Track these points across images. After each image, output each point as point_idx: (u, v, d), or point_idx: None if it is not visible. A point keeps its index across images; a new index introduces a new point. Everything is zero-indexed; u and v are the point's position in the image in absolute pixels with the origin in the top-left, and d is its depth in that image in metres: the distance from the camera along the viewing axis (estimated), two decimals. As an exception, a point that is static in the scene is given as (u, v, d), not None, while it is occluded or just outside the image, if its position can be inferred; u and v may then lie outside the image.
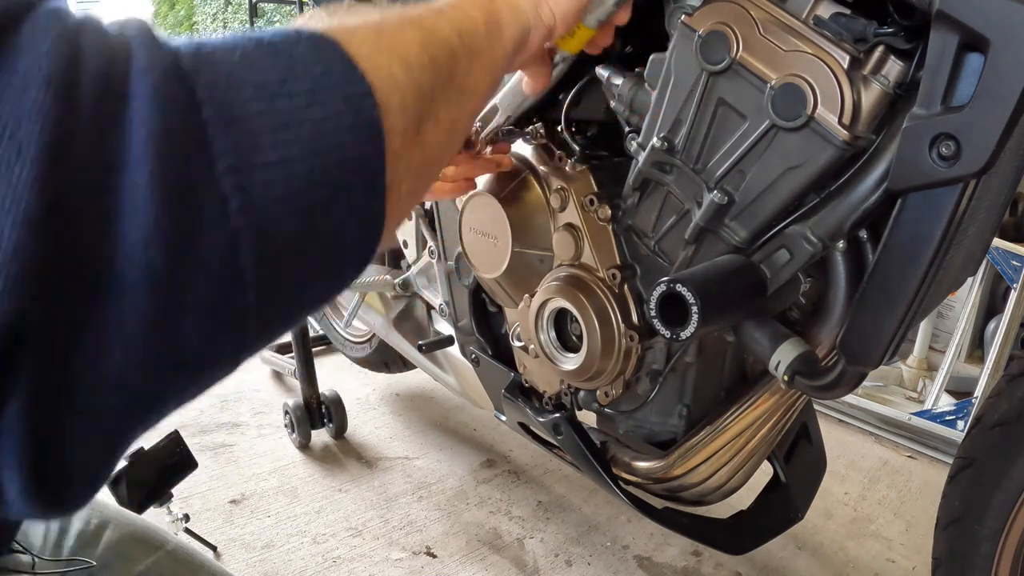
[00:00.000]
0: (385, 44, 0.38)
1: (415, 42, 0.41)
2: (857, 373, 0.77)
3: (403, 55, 0.39)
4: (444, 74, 0.43)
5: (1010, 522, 0.86)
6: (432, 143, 0.42)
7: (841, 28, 0.67)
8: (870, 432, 1.96)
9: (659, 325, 0.72)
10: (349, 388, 2.05)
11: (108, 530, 0.66)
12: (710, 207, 0.76)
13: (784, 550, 1.46)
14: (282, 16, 7.43)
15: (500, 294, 1.10)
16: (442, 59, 0.43)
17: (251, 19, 2.06)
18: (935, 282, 0.68)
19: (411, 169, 0.39)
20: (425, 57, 0.41)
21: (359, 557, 1.40)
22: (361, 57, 0.35)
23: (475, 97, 0.48)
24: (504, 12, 0.53)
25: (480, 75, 0.48)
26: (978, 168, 0.59)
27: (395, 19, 0.42)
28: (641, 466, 1.02)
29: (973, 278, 1.96)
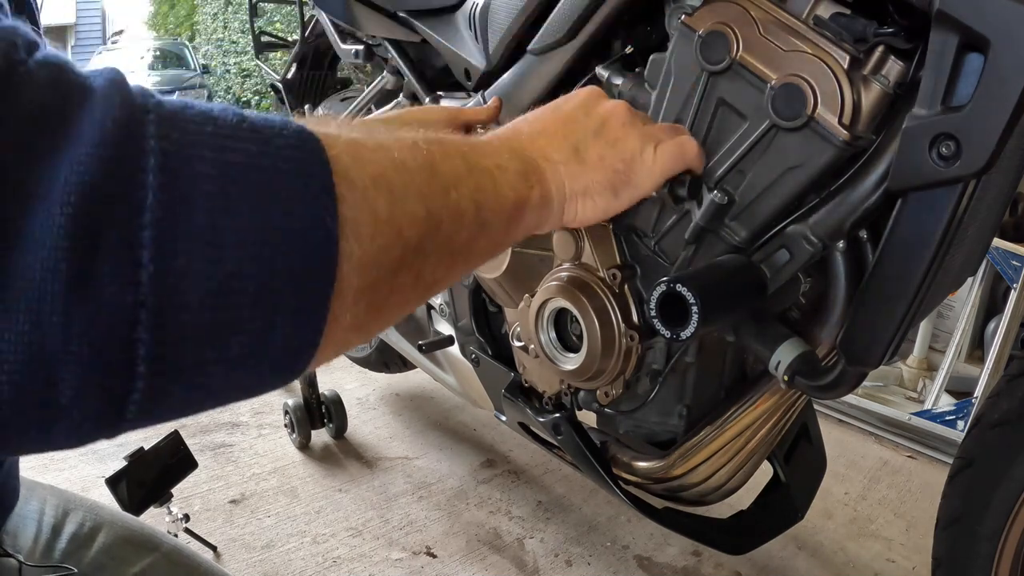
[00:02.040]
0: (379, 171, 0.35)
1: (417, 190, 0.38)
2: (857, 373, 0.77)
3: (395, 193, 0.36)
4: (440, 234, 0.39)
5: (1010, 522, 0.86)
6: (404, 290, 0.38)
7: (841, 28, 0.67)
8: (870, 432, 1.96)
9: (659, 325, 0.72)
10: (349, 388, 2.05)
11: (102, 533, 0.66)
12: (710, 207, 0.76)
13: (784, 550, 1.46)
14: (282, 16, 7.43)
15: (500, 294, 1.10)
16: (443, 219, 0.39)
17: (251, 19, 2.06)
18: (935, 282, 0.68)
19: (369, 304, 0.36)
20: (421, 210, 0.37)
21: (359, 557, 1.40)
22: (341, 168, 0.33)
23: (468, 265, 0.45)
24: (534, 200, 0.49)
25: (482, 248, 0.45)
26: (978, 168, 0.59)
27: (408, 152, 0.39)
28: (641, 466, 1.02)
29: (973, 278, 1.96)
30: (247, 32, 7.97)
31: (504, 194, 0.46)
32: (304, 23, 1.80)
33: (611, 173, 0.57)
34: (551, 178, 0.52)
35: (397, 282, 0.37)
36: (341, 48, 1.49)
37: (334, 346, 0.35)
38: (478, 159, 0.45)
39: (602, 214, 0.58)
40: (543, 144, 0.54)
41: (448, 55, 1.16)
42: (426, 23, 1.20)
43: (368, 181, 0.35)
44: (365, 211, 0.34)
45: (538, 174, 0.51)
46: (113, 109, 0.28)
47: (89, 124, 0.27)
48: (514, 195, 0.47)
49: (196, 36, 11.81)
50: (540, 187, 0.51)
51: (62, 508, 0.67)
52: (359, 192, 0.34)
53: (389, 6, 1.25)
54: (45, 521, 0.65)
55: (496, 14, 1.05)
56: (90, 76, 0.29)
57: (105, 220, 0.26)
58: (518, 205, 0.48)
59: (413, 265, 0.38)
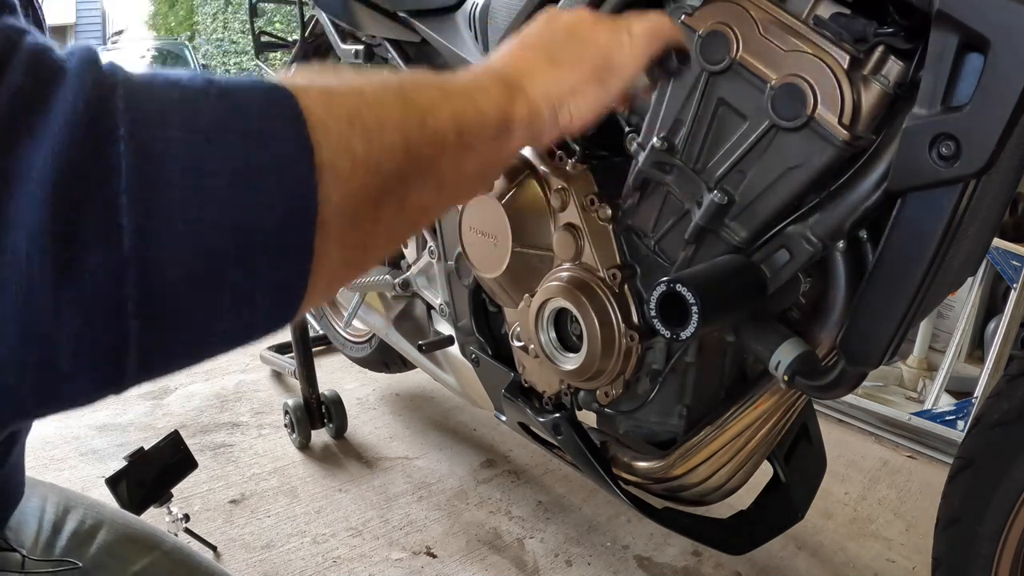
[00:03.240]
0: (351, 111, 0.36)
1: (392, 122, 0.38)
2: (857, 373, 0.77)
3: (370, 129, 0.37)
4: (423, 162, 0.40)
5: (1010, 522, 0.86)
6: (391, 222, 0.39)
7: (841, 28, 0.67)
8: (870, 432, 1.96)
9: (659, 325, 0.72)
10: (349, 388, 2.05)
11: (103, 530, 0.66)
12: (710, 207, 0.76)
13: (784, 550, 1.46)
14: (282, 16, 7.43)
15: (500, 294, 1.10)
16: (424, 147, 0.40)
17: (251, 19, 2.06)
18: (935, 282, 0.68)
19: (355, 242, 0.37)
20: (399, 140, 0.38)
21: (359, 557, 1.40)
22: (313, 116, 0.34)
23: (458, 188, 0.46)
24: (520, 113, 0.50)
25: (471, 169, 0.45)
26: (978, 168, 0.59)
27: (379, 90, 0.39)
28: (641, 466, 1.02)
29: (973, 278, 1.96)
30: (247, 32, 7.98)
31: (486, 112, 0.46)
32: (304, 23, 1.80)
33: (591, 67, 0.58)
34: (534, 89, 0.53)
35: (383, 213, 0.38)
36: (341, 48, 1.49)
37: (326, 284, 0.36)
38: (454, 86, 0.46)
39: (597, 106, 0.58)
40: (517, 62, 0.55)
41: (448, 55, 1.16)
42: (426, 23, 1.20)
43: (343, 123, 0.35)
44: (342, 153, 0.35)
45: (519, 88, 0.52)
46: (84, 87, 0.29)
47: (63, 103, 0.28)
48: (497, 112, 0.47)
49: (196, 36, 11.81)
50: (524, 100, 0.51)
51: (63, 505, 0.67)
52: (334, 135, 0.34)
53: (389, 6, 1.25)
54: (46, 518, 0.65)
55: (496, 14, 1.05)
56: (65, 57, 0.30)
57: (83, 192, 0.27)
58: (503, 122, 0.48)
59: (395, 195, 0.39)
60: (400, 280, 1.42)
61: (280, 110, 0.33)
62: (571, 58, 0.57)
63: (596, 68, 0.58)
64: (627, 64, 0.60)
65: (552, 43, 0.58)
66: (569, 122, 0.56)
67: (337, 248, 0.35)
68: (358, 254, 0.38)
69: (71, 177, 0.27)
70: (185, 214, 0.29)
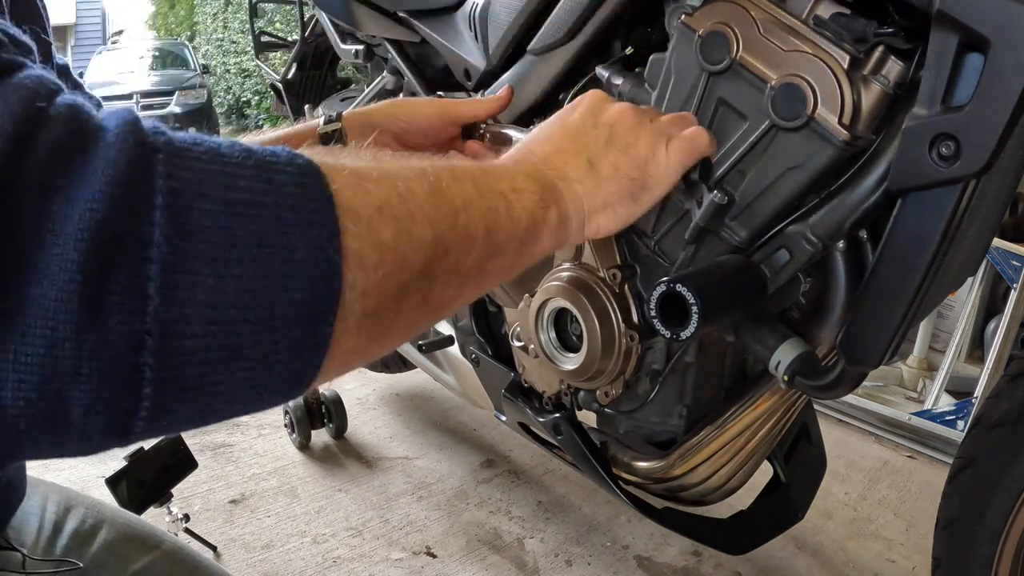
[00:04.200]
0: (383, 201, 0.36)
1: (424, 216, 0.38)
2: (857, 373, 0.77)
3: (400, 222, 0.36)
4: (449, 258, 0.40)
5: (1010, 522, 0.86)
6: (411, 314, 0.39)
7: (841, 28, 0.67)
8: (870, 432, 1.96)
9: (659, 325, 0.72)
10: (349, 388, 2.05)
11: (103, 530, 0.66)
12: (710, 207, 0.76)
13: (784, 550, 1.46)
14: (282, 16, 7.43)
15: (500, 294, 1.10)
16: (452, 244, 0.40)
17: (251, 19, 2.06)
18: (935, 282, 0.68)
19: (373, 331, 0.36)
20: (428, 236, 0.38)
21: (359, 557, 1.40)
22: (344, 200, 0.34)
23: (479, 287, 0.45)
24: (551, 222, 0.49)
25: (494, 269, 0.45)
26: (978, 168, 0.59)
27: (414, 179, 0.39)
28: (641, 466, 1.02)
29: (973, 278, 1.96)
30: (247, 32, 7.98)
31: (517, 217, 0.46)
32: (304, 23, 1.80)
33: (627, 181, 0.57)
34: (568, 198, 0.52)
35: (402, 307, 0.38)
36: (341, 48, 1.49)
37: (336, 368, 0.36)
38: (490, 183, 0.45)
39: (624, 223, 0.58)
40: (557, 163, 0.54)
41: (448, 55, 1.16)
42: (426, 23, 1.20)
43: (372, 211, 0.35)
44: (369, 241, 0.34)
45: (555, 195, 0.51)
46: (126, 149, 0.29)
47: (103, 163, 0.29)
48: (528, 217, 0.47)
49: (196, 36, 11.80)
50: (557, 208, 0.50)
51: (64, 505, 0.67)
52: (363, 223, 0.34)
53: (389, 6, 1.25)
54: (47, 517, 0.65)
55: (496, 14, 1.05)
56: (104, 117, 0.30)
57: (115, 255, 0.28)
58: (533, 227, 0.47)
59: (419, 289, 0.38)
60: (400, 280, 1.42)
61: (312, 191, 0.33)
62: (609, 168, 0.56)
63: (632, 183, 0.58)
64: (662, 183, 0.60)
65: (593, 144, 0.57)
66: (595, 233, 0.55)
67: (355, 335, 0.35)
68: (374, 343, 0.38)
69: (105, 240, 0.28)
70: (210, 289, 0.30)
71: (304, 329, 0.33)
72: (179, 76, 9.63)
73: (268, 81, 2.03)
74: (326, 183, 0.34)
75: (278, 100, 1.92)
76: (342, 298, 0.33)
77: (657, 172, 0.60)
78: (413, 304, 0.38)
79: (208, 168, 0.31)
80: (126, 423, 0.30)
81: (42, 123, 0.28)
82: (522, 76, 1.01)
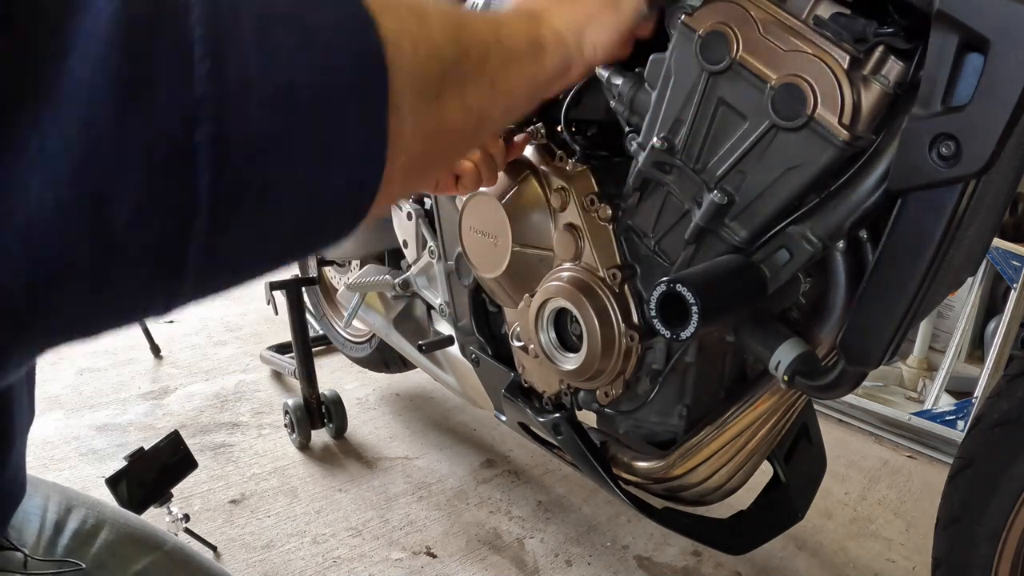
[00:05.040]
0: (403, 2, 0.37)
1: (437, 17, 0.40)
2: (857, 373, 0.77)
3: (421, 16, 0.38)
4: (473, 58, 0.42)
5: (1010, 522, 0.86)
6: (454, 117, 0.40)
7: (841, 28, 0.67)
8: (870, 432, 1.96)
9: (659, 325, 0.72)
10: (349, 388, 2.05)
11: (104, 530, 0.66)
12: (710, 207, 0.76)
13: (784, 550, 1.46)
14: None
15: (500, 294, 1.10)
16: (472, 45, 0.42)
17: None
18: (935, 282, 0.68)
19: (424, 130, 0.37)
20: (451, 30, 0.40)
21: (359, 557, 1.40)
22: None
23: (509, 97, 0.48)
24: (548, 37, 0.53)
25: (517, 81, 0.48)
26: (978, 168, 0.59)
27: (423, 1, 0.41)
28: (641, 466, 1.02)
29: (973, 278, 1.96)
30: (247, 32, 7.95)
31: (518, 31, 0.49)
32: (304, 23, 1.80)
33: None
34: (553, 20, 0.56)
35: (445, 107, 0.39)
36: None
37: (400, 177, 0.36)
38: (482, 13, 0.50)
39: (617, 32, 0.61)
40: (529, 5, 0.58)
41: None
42: (426, 23, 1.20)
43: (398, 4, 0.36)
44: (402, 32, 0.35)
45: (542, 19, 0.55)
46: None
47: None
48: (527, 33, 0.50)
49: (196, 36, 11.80)
50: (548, 28, 0.54)
51: (65, 505, 0.67)
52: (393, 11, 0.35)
53: (389, 6, 1.25)
54: (48, 517, 0.65)
55: (496, 14, 1.05)
56: None
57: (156, 16, 0.25)
58: (535, 42, 0.51)
59: (455, 86, 0.40)
60: (400, 280, 1.42)
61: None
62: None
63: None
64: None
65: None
66: (594, 51, 0.58)
67: (409, 126, 0.35)
68: (428, 145, 0.38)
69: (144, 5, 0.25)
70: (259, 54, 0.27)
71: (360, 110, 0.31)
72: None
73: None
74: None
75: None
76: (390, 80, 0.33)
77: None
78: (454, 105, 0.40)
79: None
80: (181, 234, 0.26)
81: None
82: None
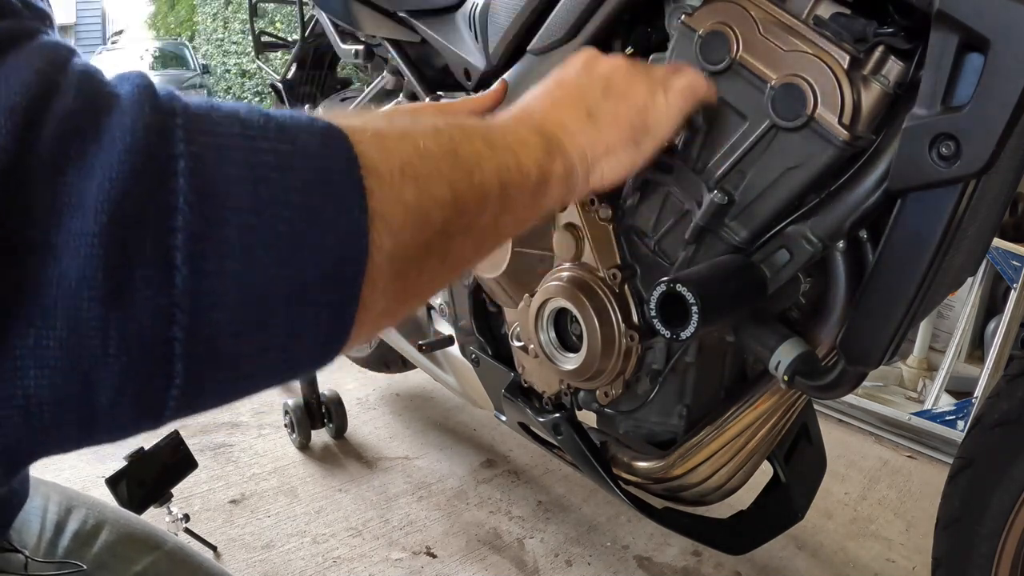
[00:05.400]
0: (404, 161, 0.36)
1: (442, 175, 0.38)
2: (857, 373, 0.77)
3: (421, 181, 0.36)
4: (467, 217, 0.40)
5: (1010, 522, 0.86)
6: (433, 272, 0.39)
7: (841, 28, 0.67)
8: (870, 432, 1.96)
9: (659, 325, 0.72)
10: (349, 388, 2.05)
11: (105, 530, 0.66)
12: (710, 207, 0.76)
13: (784, 550, 1.46)
14: (282, 16, 7.42)
15: (500, 294, 1.10)
16: (469, 203, 0.40)
17: (251, 19, 2.06)
18: (935, 282, 0.68)
19: (398, 291, 0.37)
20: (448, 194, 0.38)
21: (359, 557, 1.40)
22: (369, 163, 0.33)
23: (494, 242, 0.46)
24: (558, 171, 0.50)
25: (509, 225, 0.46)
26: (978, 168, 0.59)
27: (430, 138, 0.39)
28: (641, 466, 1.02)
29: (973, 278, 1.96)
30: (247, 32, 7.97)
31: (527, 170, 0.46)
32: (304, 23, 1.80)
33: (628, 128, 0.58)
34: (571, 148, 0.53)
35: (426, 266, 0.38)
36: (341, 48, 1.49)
37: (366, 331, 0.36)
38: (498, 138, 0.46)
39: (628, 169, 0.58)
40: (557, 116, 0.55)
41: (448, 55, 1.16)
42: (426, 23, 1.20)
43: (395, 172, 0.35)
44: (394, 202, 0.34)
45: (558, 146, 0.52)
46: (142, 115, 0.28)
47: (119, 130, 0.27)
48: (537, 169, 0.47)
49: (196, 36, 11.79)
50: (562, 158, 0.51)
51: (65, 505, 0.67)
52: (387, 184, 0.34)
53: (389, 6, 1.25)
54: (48, 518, 0.65)
55: (496, 14, 1.05)
56: (117, 82, 0.29)
57: (138, 225, 0.27)
58: (542, 179, 0.48)
59: (441, 247, 0.39)
60: (400, 280, 1.42)
61: (337, 154, 0.33)
62: (608, 116, 0.57)
63: (633, 129, 0.58)
64: (662, 126, 0.61)
65: (590, 96, 0.57)
66: (599, 181, 0.56)
67: (382, 297, 0.35)
68: (399, 304, 0.38)
69: (126, 210, 0.26)
70: (238, 256, 0.29)
71: (334, 292, 0.32)
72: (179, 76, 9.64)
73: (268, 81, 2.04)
74: (350, 144, 0.33)
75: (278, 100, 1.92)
76: (370, 260, 0.33)
77: (657, 116, 0.60)
78: (434, 263, 0.39)
79: (230, 132, 0.30)
80: (158, 403, 0.29)
81: (54, 93, 0.27)
82: (522, 76, 1.01)
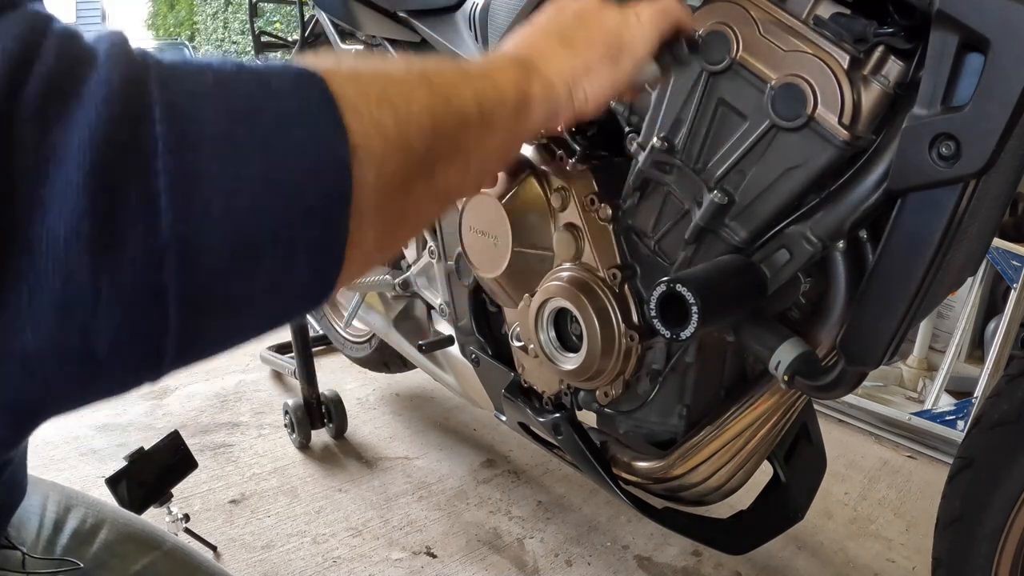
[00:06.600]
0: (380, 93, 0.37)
1: (419, 102, 0.39)
2: (857, 373, 0.77)
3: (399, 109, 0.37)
4: (449, 140, 0.41)
5: (1010, 522, 0.86)
6: (421, 201, 0.40)
7: (841, 28, 0.67)
8: (870, 432, 1.96)
9: (659, 325, 0.72)
10: (349, 388, 2.05)
11: (104, 529, 0.66)
12: (710, 207, 0.76)
13: (784, 550, 1.46)
14: (282, 16, 7.43)
15: (500, 294, 1.10)
16: (449, 126, 0.41)
17: (251, 19, 2.06)
18: (935, 282, 0.68)
19: (387, 222, 0.38)
20: (426, 119, 0.39)
21: (359, 557, 1.40)
22: (345, 98, 0.34)
23: (481, 166, 0.47)
24: (537, 90, 0.51)
25: (495, 147, 0.47)
26: (978, 168, 0.59)
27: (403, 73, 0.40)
28: (641, 466, 1.02)
29: (973, 278, 1.96)
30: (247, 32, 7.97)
31: (505, 90, 0.47)
32: (304, 23, 1.80)
33: (604, 47, 0.59)
34: (548, 69, 0.54)
35: (413, 195, 0.39)
36: (341, 48, 1.49)
37: (359, 265, 0.37)
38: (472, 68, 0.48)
39: (611, 85, 0.59)
40: (530, 45, 0.56)
41: (448, 55, 1.16)
42: (426, 23, 1.20)
43: (372, 104, 0.36)
44: (373, 134, 0.35)
45: (534, 68, 0.53)
46: (117, 69, 0.29)
47: (96, 85, 0.28)
48: (515, 90, 0.49)
49: (196, 36, 11.80)
50: (540, 79, 0.52)
51: (64, 504, 0.67)
52: (365, 116, 0.35)
53: (389, 6, 1.25)
54: (47, 516, 0.65)
55: (496, 14, 1.05)
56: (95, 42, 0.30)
57: (120, 172, 0.27)
58: (521, 99, 0.49)
59: (425, 175, 0.40)
60: (400, 280, 1.42)
61: (312, 92, 0.34)
62: (582, 39, 0.58)
63: (608, 47, 0.59)
64: (637, 43, 0.62)
65: (563, 27, 0.59)
66: (584, 102, 0.57)
67: (371, 228, 0.36)
68: (390, 233, 0.39)
69: (108, 158, 0.27)
70: (222, 196, 0.29)
71: (321, 227, 0.33)
72: (179, 76, 9.61)
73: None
74: (325, 82, 0.34)
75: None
76: (354, 192, 0.34)
77: (631, 34, 0.61)
78: (420, 191, 0.40)
79: (202, 79, 0.31)
80: (156, 351, 0.29)
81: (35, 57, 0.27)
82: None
